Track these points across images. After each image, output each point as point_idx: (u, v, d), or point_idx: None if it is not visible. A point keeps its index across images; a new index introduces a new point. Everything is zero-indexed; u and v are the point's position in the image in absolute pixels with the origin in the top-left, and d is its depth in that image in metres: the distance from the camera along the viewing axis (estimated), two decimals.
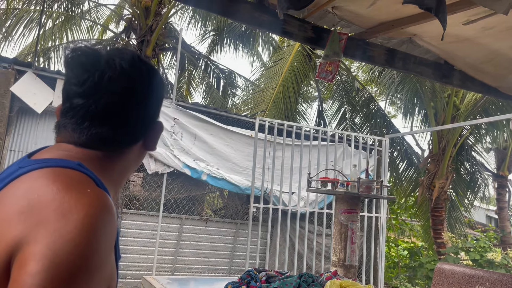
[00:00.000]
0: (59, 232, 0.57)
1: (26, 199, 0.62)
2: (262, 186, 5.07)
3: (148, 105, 0.80)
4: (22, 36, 7.77)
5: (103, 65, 0.74)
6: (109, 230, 0.63)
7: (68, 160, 0.71)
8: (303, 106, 9.40)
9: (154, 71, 0.81)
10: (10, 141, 4.58)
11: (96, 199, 0.64)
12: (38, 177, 0.65)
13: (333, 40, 3.29)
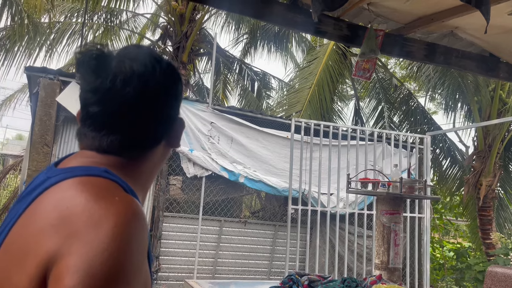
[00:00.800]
0: (91, 243, 0.57)
1: (57, 211, 0.61)
2: (300, 188, 5.03)
3: (165, 104, 0.78)
4: (66, 48, 8.14)
5: (113, 68, 0.72)
6: (140, 237, 0.62)
7: (94, 167, 0.71)
8: (339, 105, 9.24)
9: (168, 68, 0.78)
10: (57, 149, 4.79)
11: (125, 206, 0.63)
12: (67, 188, 0.65)
13: (370, 37, 3.22)
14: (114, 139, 0.73)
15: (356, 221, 5.17)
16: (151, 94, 0.75)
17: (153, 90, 0.75)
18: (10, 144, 20.53)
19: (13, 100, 9.79)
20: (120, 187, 0.69)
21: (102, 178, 0.68)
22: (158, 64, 0.76)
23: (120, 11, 8.83)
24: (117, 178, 0.70)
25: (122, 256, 0.58)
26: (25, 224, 0.64)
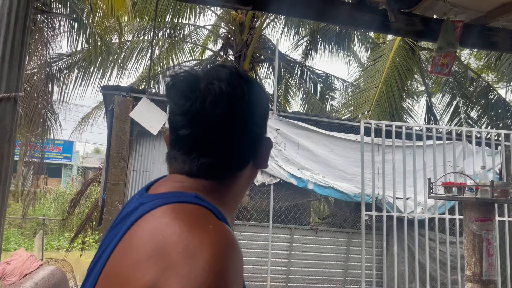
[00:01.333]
0: (188, 276, 0.56)
1: (153, 241, 0.61)
2: (373, 193, 4.80)
3: (253, 124, 0.76)
4: (135, 65, 8.59)
5: (202, 90, 0.70)
6: (236, 266, 0.61)
7: (185, 193, 0.70)
8: (409, 103, 8.78)
9: (255, 86, 0.76)
10: (132, 162, 5.01)
11: (219, 235, 0.62)
12: (160, 217, 0.65)
13: (447, 30, 2.97)
14: (204, 162, 0.72)
15: (437, 227, 4.82)
16: (240, 115, 0.73)
17: (241, 110, 0.73)
18: (89, 158, 22.11)
19: (91, 116, 10.50)
20: (212, 213, 0.68)
21: (194, 204, 0.68)
22: (246, 84, 0.74)
23: (183, 25, 9.14)
24: (208, 204, 0.70)
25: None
26: (123, 252, 0.65)
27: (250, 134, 0.76)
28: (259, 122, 0.77)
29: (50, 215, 12.25)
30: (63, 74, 7.79)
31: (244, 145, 0.76)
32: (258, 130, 0.77)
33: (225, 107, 0.71)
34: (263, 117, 0.79)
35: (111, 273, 0.65)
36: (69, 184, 17.14)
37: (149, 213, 0.67)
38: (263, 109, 0.78)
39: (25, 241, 10.81)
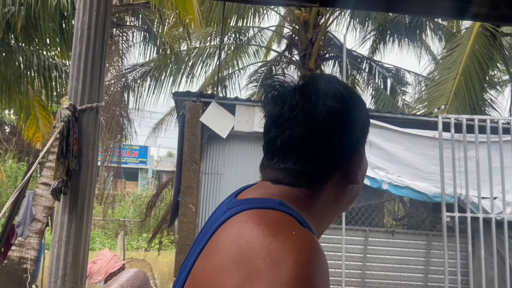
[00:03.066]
0: (273, 283, 0.55)
1: (236, 245, 0.61)
2: (455, 193, 4.46)
3: (336, 132, 0.72)
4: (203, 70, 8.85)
5: (290, 95, 0.71)
6: (322, 273, 0.59)
7: (269, 199, 0.70)
8: (491, 94, 8.08)
9: (352, 96, 0.74)
10: (204, 165, 5.14)
11: (303, 241, 0.61)
12: (244, 221, 0.65)
13: None
14: (283, 167, 0.72)
15: None
16: (319, 121, 0.71)
17: (321, 117, 0.71)
18: (163, 161, 23.24)
19: (164, 122, 11.01)
20: (296, 220, 0.67)
21: (278, 211, 0.67)
22: (343, 94, 0.73)
23: (247, 28, 9.24)
24: (292, 211, 0.68)
25: None
26: (208, 256, 0.65)
27: (332, 142, 0.72)
28: (346, 131, 0.73)
29: (129, 216, 13.04)
30: (137, 84, 8.25)
31: (325, 153, 0.72)
32: (344, 139, 0.73)
33: (305, 112, 0.70)
34: (351, 127, 0.74)
35: (197, 276, 0.66)
36: (145, 187, 18.15)
37: (233, 218, 0.67)
38: (351, 119, 0.73)
39: (108, 241, 11.60)
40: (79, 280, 2.26)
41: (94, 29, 2.36)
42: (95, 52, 2.36)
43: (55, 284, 2.19)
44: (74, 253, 2.22)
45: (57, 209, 2.24)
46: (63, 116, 2.21)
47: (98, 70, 2.37)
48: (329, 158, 0.73)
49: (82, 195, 2.25)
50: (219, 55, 6.19)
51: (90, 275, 4.91)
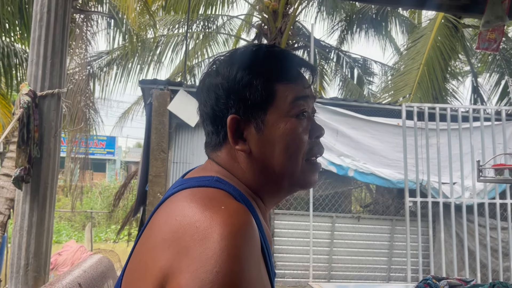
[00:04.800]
0: (199, 259, 0.55)
1: (167, 224, 0.62)
2: (417, 179, 4.63)
3: (211, 100, 0.76)
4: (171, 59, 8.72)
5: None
6: (249, 248, 0.59)
7: (206, 177, 0.72)
8: (453, 84, 8.38)
9: (223, 67, 0.76)
10: (172, 154, 5.10)
11: (230, 216, 0.60)
12: (178, 200, 0.66)
13: (494, 2, 2.78)
14: (207, 142, 0.79)
15: (487, 212, 4.59)
16: (211, 88, 0.77)
17: (205, 87, 0.78)
18: (131, 152, 22.82)
19: (131, 112, 10.79)
20: (229, 195, 0.68)
21: (211, 188, 0.69)
22: (214, 65, 0.79)
23: (216, 17, 9.14)
24: (227, 187, 0.70)
25: (232, 271, 0.55)
26: (144, 237, 0.66)
27: (215, 110, 0.76)
28: (220, 101, 0.75)
29: (97, 208, 12.78)
30: (103, 72, 8.03)
31: (213, 122, 0.76)
32: (216, 107, 0.76)
33: (202, 84, 0.78)
34: (226, 96, 0.75)
35: (135, 258, 0.67)
36: (113, 178, 17.81)
37: (170, 198, 0.68)
38: (226, 89, 0.75)
39: (75, 233, 11.35)
40: (42, 270, 2.22)
41: (54, 13, 2.28)
42: (55, 36, 2.28)
43: (17, 275, 2.14)
44: (37, 243, 2.18)
45: (17, 199, 2.18)
46: (23, 102, 2.14)
47: (59, 55, 2.30)
48: (213, 125, 0.76)
49: (44, 184, 2.20)
50: (186, 43, 6.11)
51: (55, 267, 4.80)
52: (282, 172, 0.75)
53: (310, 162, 0.78)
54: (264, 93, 0.74)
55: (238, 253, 0.56)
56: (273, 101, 0.75)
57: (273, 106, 0.74)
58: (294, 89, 0.76)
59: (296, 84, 0.76)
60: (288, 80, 0.76)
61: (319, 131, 0.79)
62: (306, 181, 0.77)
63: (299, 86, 0.77)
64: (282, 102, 0.75)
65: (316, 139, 0.79)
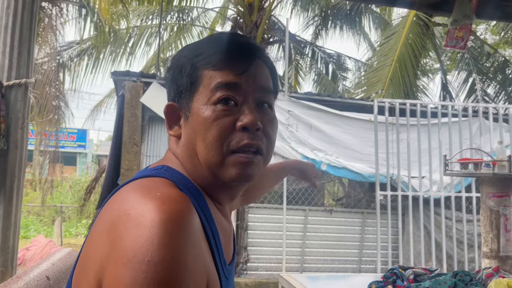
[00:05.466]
0: (131, 249, 0.54)
1: (108, 214, 0.62)
2: (388, 173, 4.75)
3: (167, 87, 0.80)
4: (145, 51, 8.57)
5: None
6: (185, 234, 0.57)
7: (157, 166, 0.73)
8: (424, 81, 8.60)
9: (171, 61, 0.80)
10: (145, 148, 5.04)
11: (164, 203, 0.58)
12: (122, 190, 0.66)
13: (462, 2, 2.87)
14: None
15: (453, 205, 4.76)
16: (167, 77, 0.80)
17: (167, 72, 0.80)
18: (103, 145, 22.36)
19: (103, 104, 10.57)
20: (170, 183, 0.67)
21: (155, 177, 0.68)
22: (180, 51, 0.80)
23: (191, 9, 9.04)
24: (172, 176, 0.70)
25: (164, 260, 0.54)
26: (92, 229, 0.66)
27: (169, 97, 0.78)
28: (169, 85, 0.79)
29: (67, 202, 12.48)
30: (73, 62, 7.82)
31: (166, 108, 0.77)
32: (169, 94, 0.79)
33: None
34: (170, 87, 0.79)
35: (83, 249, 0.66)
36: (84, 172, 17.42)
37: (119, 189, 0.68)
38: (174, 73, 0.77)
39: (44, 228, 11.05)
40: (9, 265, 2.16)
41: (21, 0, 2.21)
42: (23, 24, 2.21)
43: None
44: (3, 237, 2.12)
45: None
46: None
47: (26, 44, 2.24)
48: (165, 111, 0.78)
49: (11, 176, 2.14)
50: (159, 35, 6.03)
51: (23, 262, 4.68)
52: (204, 162, 0.72)
53: (235, 155, 0.71)
54: (191, 79, 0.73)
55: (170, 240, 0.55)
56: (198, 87, 0.73)
57: (198, 92, 0.73)
58: (219, 76, 0.72)
59: (224, 70, 0.72)
60: (215, 66, 0.72)
61: (242, 120, 0.71)
62: (227, 174, 0.71)
63: (228, 72, 0.72)
64: (206, 89, 0.72)
65: (243, 131, 0.71)
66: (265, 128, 0.75)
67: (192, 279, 0.57)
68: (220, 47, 0.75)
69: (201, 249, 0.62)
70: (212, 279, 0.64)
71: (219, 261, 0.69)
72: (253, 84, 0.74)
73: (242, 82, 0.73)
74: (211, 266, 0.66)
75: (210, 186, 0.75)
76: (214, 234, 0.69)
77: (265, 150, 0.75)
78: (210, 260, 0.66)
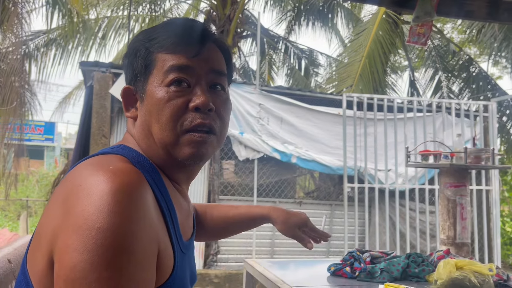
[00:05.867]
0: (81, 216, 0.57)
1: (63, 188, 0.65)
2: (355, 166, 4.87)
3: (125, 72, 0.83)
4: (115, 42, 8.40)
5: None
6: (135, 205, 0.60)
7: (114, 146, 0.76)
8: (392, 77, 8.81)
9: (136, 37, 0.82)
10: (114, 139, 4.97)
11: (115, 173, 0.61)
12: (77, 167, 0.68)
13: None
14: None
15: (417, 197, 4.94)
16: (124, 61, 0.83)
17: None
18: (72, 139, 21.81)
19: (72, 96, 10.32)
20: (123, 159, 0.70)
21: (112, 154, 0.72)
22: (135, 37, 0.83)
23: (163, 0, 8.92)
24: (127, 153, 0.73)
25: (114, 227, 0.56)
26: (48, 203, 0.69)
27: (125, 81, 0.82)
28: (127, 70, 0.81)
29: (34, 196, 12.15)
30: (40, 53, 7.59)
31: (123, 91, 0.81)
32: (127, 77, 0.82)
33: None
34: (126, 66, 0.82)
35: (38, 224, 0.69)
36: (52, 165, 16.96)
37: (73, 168, 0.70)
38: (129, 58, 0.81)
39: (9, 223, 10.72)
40: None
41: None
42: None
43: None
44: None
45: None
46: None
47: None
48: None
49: None
50: (129, 25, 5.94)
51: None
52: (159, 141, 0.75)
53: (188, 134, 0.75)
54: (145, 63, 0.77)
55: (119, 209, 0.58)
56: (152, 70, 0.76)
57: (152, 75, 0.76)
58: (172, 59, 0.75)
59: (177, 54, 0.75)
60: (168, 50, 0.76)
61: (194, 101, 0.74)
62: (181, 153, 0.75)
63: (181, 56, 0.75)
64: (159, 71, 0.75)
65: (196, 111, 0.75)
66: (217, 109, 0.78)
67: (140, 246, 0.59)
68: (173, 32, 0.78)
69: (153, 220, 0.64)
70: (164, 250, 0.67)
71: (174, 235, 0.71)
72: (205, 66, 0.77)
73: (194, 65, 0.76)
74: (165, 238, 0.68)
75: (166, 166, 0.77)
76: (170, 209, 0.72)
77: (218, 130, 0.78)
78: (164, 232, 0.68)
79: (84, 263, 0.54)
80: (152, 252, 0.62)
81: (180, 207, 0.79)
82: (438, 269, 1.65)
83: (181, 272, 0.72)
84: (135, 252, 0.58)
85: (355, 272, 1.77)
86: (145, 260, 0.60)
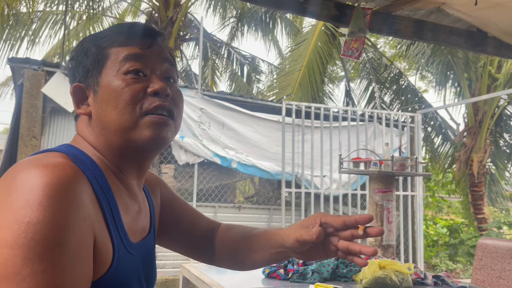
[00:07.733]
0: (11, 211, 0.57)
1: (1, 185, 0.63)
2: (293, 171, 5.03)
3: (71, 74, 0.83)
4: (48, 38, 7.96)
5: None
6: (66, 199, 0.60)
7: (62, 144, 0.77)
8: (330, 87, 9.20)
9: (82, 40, 0.84)
10: (46, 141, 4.72)
11: (46, 168, 0.61)
12: (14, 165, 0.67)
13: (358, 16, 3.17)
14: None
15: (349, 202, 5.20)
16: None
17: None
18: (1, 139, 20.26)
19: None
20: (64, 155, 0.69)
21: (51, 151, 0.71)
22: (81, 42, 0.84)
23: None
24: (68, 150, 0.72)
25: (44, 221, 0.56)
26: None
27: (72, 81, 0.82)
28: (75, 71, 0.82)
29: None
30: None
31: (72, 89, 0.81)
32: (75, 77, 0.82)
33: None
34: (75, 65, 0.82)
35: None
36: None
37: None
38: (78, 57, 0.82)
39: None
40: None
41: None
42: None
43: None
44: None
45: None
46: None
47: None
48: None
49: None
50: (64, 22, 5.68)
51: None
52: (117, 128, 0.76)
53: (148, 116, 0.76)
54: (98, 57, 0.79)
55: (49, 203, 0.58)
56: (105, 63, 0.78)
57: (106, 67, 0.78)
58: (126, 50, 0.78)
59: (130, 46, 0.79)
60: (121, 44, 0.79)
61: (152, 87, 0.77)
62: (141, 136, 0.75)
63: (135, 47, 0.79)
64: (114, 63, 0.78)
65: (155, 96, 0.77)
66: (173, 97, 0.81)
67: (74, 239, 0.59)
68: (123, 29, 0.82)
69: (88, 214, 0.64)
70: (101, 243, 0.67)
71: (115, 232, 0.71)
72: (158, 56, 0.81)
73: (149, 55, 0.79)
74: (102, 232, 0.68)
75: (119, 158, 0.78)
76: (111, 206, 0.72)
77: (176, 115, 0.81)
78: (102, 227, 0.68)
79: (16, 258, 0.54)
80: (87, 244, 0.62)
81: (126, 206, 0.79)
82: (363, 269, 1.78)
83: (124, 271, 0.72)
84: (69, 244, 0.58)
85: (288, 274, 1.84)
86: (81, 251, 0.60)
